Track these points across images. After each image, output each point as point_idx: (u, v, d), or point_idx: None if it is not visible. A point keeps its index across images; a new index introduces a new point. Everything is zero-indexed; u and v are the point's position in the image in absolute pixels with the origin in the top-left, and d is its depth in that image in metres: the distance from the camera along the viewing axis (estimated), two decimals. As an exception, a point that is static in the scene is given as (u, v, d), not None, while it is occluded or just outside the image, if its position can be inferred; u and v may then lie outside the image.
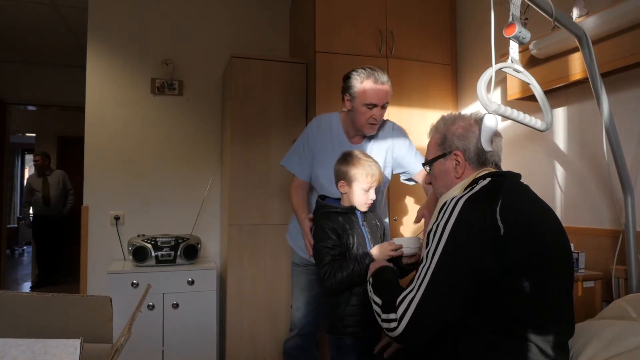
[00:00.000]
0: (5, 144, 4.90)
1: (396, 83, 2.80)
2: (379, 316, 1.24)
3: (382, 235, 1.98)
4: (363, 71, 2.02)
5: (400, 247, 1.74)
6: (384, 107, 2.02)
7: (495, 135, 1.36)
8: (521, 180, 1.34)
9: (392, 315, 1.17)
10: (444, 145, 1.40)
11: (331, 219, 1.86)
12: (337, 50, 2.72)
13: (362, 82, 2.00)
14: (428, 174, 1.49)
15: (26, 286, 5.95)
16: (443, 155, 1.40)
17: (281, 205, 2.78)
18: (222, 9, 3.30)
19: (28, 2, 3.47)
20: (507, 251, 1.12)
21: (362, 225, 1.88)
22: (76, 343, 0.74)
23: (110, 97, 3.06)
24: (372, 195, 1.87)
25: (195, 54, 3.24)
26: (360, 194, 1.87)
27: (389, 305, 1.20)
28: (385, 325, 1.20)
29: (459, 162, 1.36)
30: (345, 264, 1.76)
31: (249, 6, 3.35)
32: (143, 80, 3.12)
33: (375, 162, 1.88)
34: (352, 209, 1.89)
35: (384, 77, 2.00)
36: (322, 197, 1.97)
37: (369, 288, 1.38)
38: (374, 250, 1.76)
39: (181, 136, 3.19)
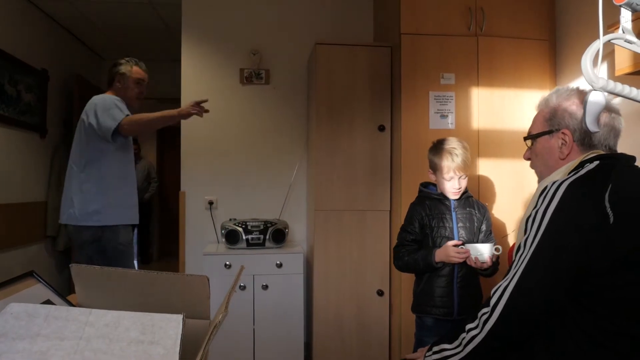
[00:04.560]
0: (113, 135, 5.38)
1: (487, 62, 2.66)
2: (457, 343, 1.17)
3: (480, 224, 1.99)
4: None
5: (467, 252, 1.81)
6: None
7: (614, 112, 1.23)
8: (635, 164, 1.20)
9: (484, 309, 1.11)
10: (552, 121, 1.28)
11: (420, 203, 2.02)
12: (423, 31, 2.63)
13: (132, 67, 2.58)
14: (529, 149, 1.37)
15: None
16: (549, 132, 1.28)
17: (366, 190, 2.78)
18: (305, -4, 3.33)
19: (129, 2, 3.75)
20: (618, 242, 1.02)
21: (454, 211, 1.96)
22: (179, 318, 0.80)
23: (203, 88, 3.23)
24: (455, 185, 1.93)
25: (280, 42, 3.31)
26: (443, 183, 1.95)
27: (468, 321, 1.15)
28: (472, 333, 1.13)
29: (565, 142, 1.25)
30: (414, 253, 1.95)
31: (333, -8, 3.35)
32: (232, 71, 3.26)
33: (463, 151, 1.92)
34: (444, 195, 1.99)
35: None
36: (424, 185, 2.10)
37: None
38: (439, 251, 1.87)
39: (269, 124, 3.29)
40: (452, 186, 1.94)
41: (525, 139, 1.38)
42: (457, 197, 1.96)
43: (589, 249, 1.03)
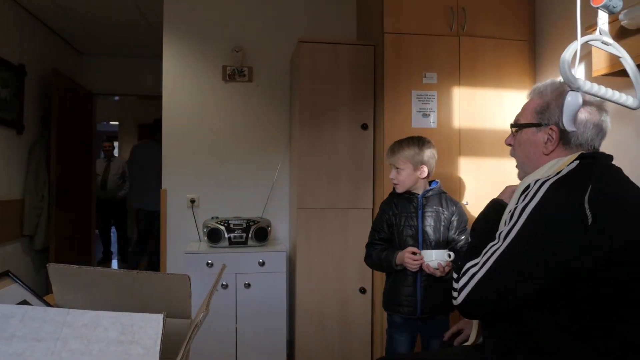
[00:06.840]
0: (93, 132, 5.28)
1: (468, 62, 2.70)
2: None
3: (448, 222, 1.99)
4: None
5: (420, 257, 1.84)
6: None
7: (604, 113, 1.24)
8: (613, 163, 1.22)
9: (453, 284, 1.18)
10: (542, 115, 1.27)
11: (389, 202, 2.07)
12: (406, 30, 2.65)
13: None
14: (512, 135, 1.36)
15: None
16: (537, 125, 1.27)
17: (348, 189, 2.79)
18: (289, -6, 3.32)
19: (110, -3, 3.68)
20: (598, 242, 1.03)
21: (420, 209, 2.00)
22: (159, 318, 0.79)
23: (185, 85, 3.20)
24: (391, 175, 2.02)
25: (263, 40, 3.30)
26: None
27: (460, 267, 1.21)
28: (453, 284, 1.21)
29: (552, 138, 1.25)
30: (381, 252, 1.99)
31: (316, -11, 3.34)
32: (215, 68, 3.23)
33: (407, 145, 1.99)
34: (410, 193, 2.03)
35: None
36: None
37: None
38: (399, 254, 1.90)
39: (252, 122, 3.27)
40: (390, 176, 2.02)
41: (512, 125, 1.37)
42: (400, 190, 2.00)
43: (566, 248, 1.04)
